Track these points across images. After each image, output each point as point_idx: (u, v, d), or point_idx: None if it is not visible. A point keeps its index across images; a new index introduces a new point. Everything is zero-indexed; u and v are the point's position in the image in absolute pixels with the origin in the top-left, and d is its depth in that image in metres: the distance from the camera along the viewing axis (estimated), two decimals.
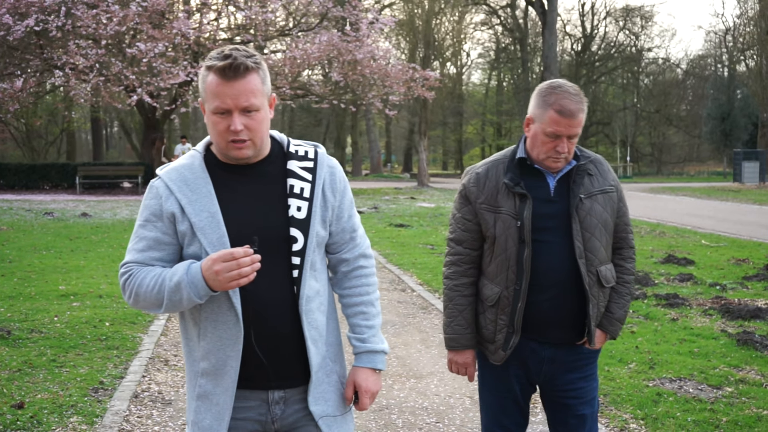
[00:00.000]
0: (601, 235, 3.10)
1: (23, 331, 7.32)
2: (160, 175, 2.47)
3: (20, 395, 5.52)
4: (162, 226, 2.41)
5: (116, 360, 6.55)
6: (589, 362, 3.20)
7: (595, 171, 3.16)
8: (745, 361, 6.53)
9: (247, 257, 2.25)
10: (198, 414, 2.44)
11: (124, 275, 2.41)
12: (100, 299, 8.94)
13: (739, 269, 11.50)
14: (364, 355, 2.60)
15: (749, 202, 27.26)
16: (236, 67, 2.32)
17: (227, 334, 2.38)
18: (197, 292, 2.29)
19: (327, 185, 2.54)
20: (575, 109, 2.97)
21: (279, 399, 2.48)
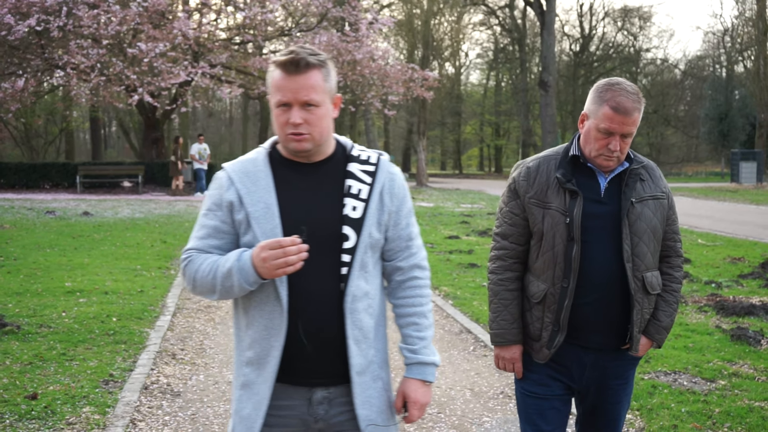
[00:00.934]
0: (649, 241, 3.05)
1: (32, 326, 7.46)
2: (225, 167, 2.56)
3: (33, 387, 5.67)
4: (221, 215, 2.49)
5: (124, 354, 6.70)
6: (629, 368, 3.17)
7: (647, 176, 3.12)
8: (738, 356, 6.69)
9: (294, 246, 2.30)
10: (240, 403, 2.49)
11: (184, 261, 2.50)
12: (106, 296, 9.09)
13: (735, 268, 11.66)
14: (415, 367, 2.59)
15: (746, 202, 27.43)
16: (297, 62, 2.40)
17: (272, 323, 2.43)
18: (246, 278, 2.35)
19: (386, 190, 2.56)
20: (630, 107, 2.93)
21: (323, 399, 2.49)
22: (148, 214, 20.14)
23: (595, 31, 62.17)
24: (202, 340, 7.32)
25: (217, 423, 5.14)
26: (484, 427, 5.11)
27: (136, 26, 25.48)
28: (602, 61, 62.34)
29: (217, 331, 7.68)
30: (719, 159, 53.82)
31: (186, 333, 7.57)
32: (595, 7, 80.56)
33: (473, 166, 77.64)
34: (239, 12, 27.67)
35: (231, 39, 29.42)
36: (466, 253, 12.95)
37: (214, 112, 60.45)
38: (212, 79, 27.35)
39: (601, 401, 3.16)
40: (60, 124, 46.11)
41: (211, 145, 62.83)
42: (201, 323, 8.01)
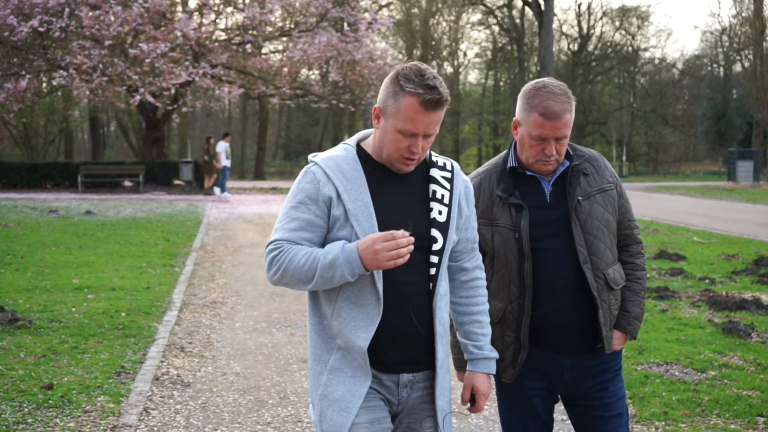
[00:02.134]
0: (604, 237, 3.01)
1: (44, 321, 7.68)
2: (317, 162, 2.62)
3: (48, 378, 5.88)
4: (316, 209, 2.56)
5: (134, 347, 6.92)
6: (612, 365, 3.12)
7: (591, 169, 3.05)
8: (729, 348, 6.91)
9: (405, 239, 2.42)
10: (328, 387, 2.57)
11: (273, 251, 2.55)
12: (114, 292, 9.30)
13: (729, 264, 11.88)
14: (481, 362, 2.78)
15: (742, 200, 27.67)
16: (440, 103, 2.51)
17: (363, 315, 2.53)
18: (351, 270, 2.44)
19: (462, 196, 2.72)
20: (559, 110, 2.88)
21: (407, 382, 2.64)
22: (150, 213, 20.35)
23: (593, 31, 62.36)
24: (209, 334, 7.53)
25: (227, 411, 5.36)
26: (484, 415, 5.33)
27: (137, 27, 25.70)
28: (600, 61, 62.52)
29: (223, 326, 7.90)
30: (717, 158, 54.06)
31: (193, 327, 7.79)
32: (593, 7, 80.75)
33: (472, 165, 77.76)
34: (239, 13, 27.88)
35: (231, 39, 29.63)
36: None
37: (212, 112, 60.59)
38: (213, 79, 27.56)
39: (589, 404, 3.09)
40: (60, 124, 46.28)
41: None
42: (207, 318, 8.23)
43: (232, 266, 11.77)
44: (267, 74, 29.35)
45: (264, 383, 6.01)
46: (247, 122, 57.12)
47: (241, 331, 7.67)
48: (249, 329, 7.76)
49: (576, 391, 3.09)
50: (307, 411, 5.38)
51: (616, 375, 3.13)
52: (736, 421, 5.12)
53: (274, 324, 8.01)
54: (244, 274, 11.10)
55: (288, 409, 5.44)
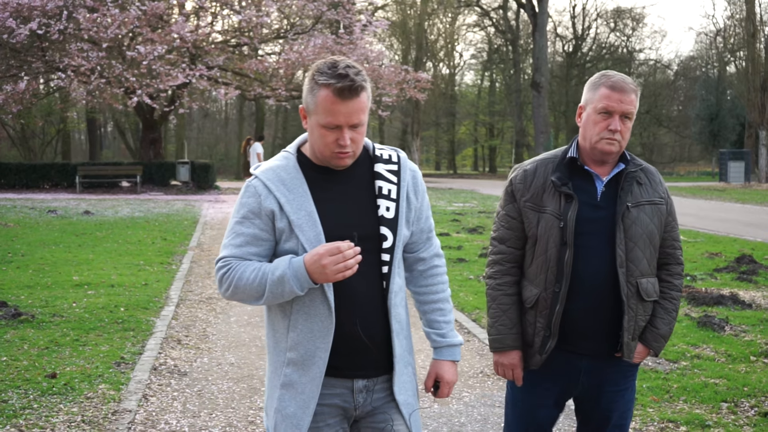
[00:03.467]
0: (645, 247, 3.02)
1: (45, 315, 7.98)
2: (257, 175, 2.60)
3: (51, 368, 6.19)
4: (260, 223, 2.55)
5: (133, 339, 7.22)
6: (629, 376, 3.14)
7: (645, 180, 3.08)
8: (702, 340, 7.23)
9: (351, 251, 2.42)
10: (282, 402, 2.57)
11: (222, 269, 2.55)
12: (113, 288, 9.61)
13: (711, 262, 12.20)
14: (445, 349, 2.77)
15: (732, 200, 28.01)
16: (353, 89, 2.46)
17: (318, 326, 2.52)
18: (300, 284, 2.44)
19: (410, 188, 2.68)
20: (627, 86, 2.97)
21: (363, 387, 2.62)
22: (148, 213, 20.64)
23: (588, 33, 62.73)
24: (205, 328, 7.84)
25: (222, 398, 5.67)
26: (464, 402, 5.65)
27: (134, 29, 26.01)
28: (595, 62, 62.88)
29: (218, 320, 8.20)
30: (711, 159, 54.42)
31: (189, 321, 8.10)
32: (588, 8, 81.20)
33: (468, 166, 78.14)
34: (235, 15, 28.20)
35: (227, 41, 29.94)
36: (455, 249, 13.48)
37: (209, 113, 60.90)
38: (209, 81, 27.86)
39: (600, 410, 3.14)
40: (57, 125, 46.56)
41: (207, 146, 63.45)
42: (203, 313, 8.53)
43: None
44: (263, 76, 29.67)
45: (257, 372, 6.32)
46: (243, 123, 57.41)
47: (236, 325, 7.98)
48: (243, 323, 8.07)
49: (590, 395, 3.13)
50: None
51: (629, 388, 3.15)
52: (701, 406, 5.44)
53: None
54: None
55: None
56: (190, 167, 30.99)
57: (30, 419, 5.06)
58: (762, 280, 10.49)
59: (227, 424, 5.14)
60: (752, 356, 6.70)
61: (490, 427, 5.16)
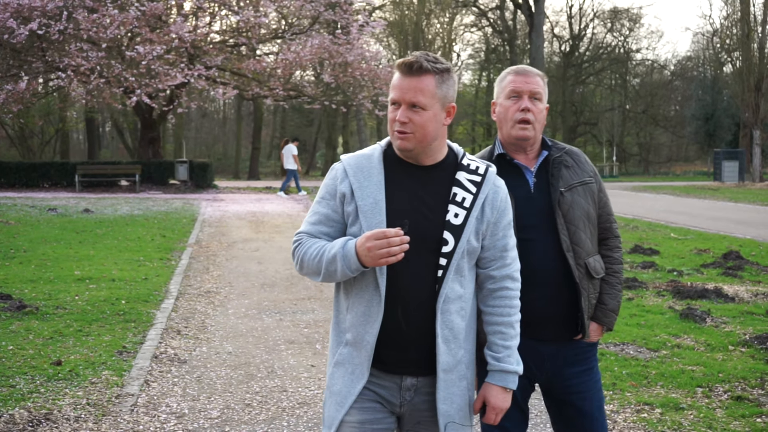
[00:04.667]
0: (585, 227, 3.12)
1: (49, 308, 8.24)
2: (342, 159, 2.72)
3: (56, 356, 6.44)
4: (333, 204, 2.67)
5: (134, 330, 7.48)
6: (588, 355, 3.21)
7: (572, 162, 3.17)
8: (683, 331, 7.50)
9: (397, 237, 2.46)
10: (332, 379, 2.68)
11: (295, 243, 2.69)
12: (114, 282, 9.87)
13: (699, 258, 12.47)
14: (497, 374, 2.72)
15: (725, 199, 28.27)
16: (411, 64, 2.57)
17: (369, 311, 2.60)
18: (349, 265, 2.52)
19: (488, 201, 2.68)
20: (530, 70, 3.11)
21: (411, 386, 2.66)
22: (147, 211, 20.89)
23: (585, 33, 63.00)
24: (204, 320, 8.10)
25: (220, 383, 5.93)
26: None
27: (133, 29, 26.28)
28: (592, 62, 63.15)
29: (217, 312, 8.46)
30: (707, 159, 54.72)
31: (189, 314, 8.36)
32: (585, 9, 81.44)
33: None
34: (233, 15, 28.46)
35: (225, 42, 30.20)
36: None
37: (207, 113, 61.16)
38: (207, 81, 28.12)
39: (567, 393, 3.19)
40: (56, 125, 46.82)
41: (205, 145, 63.67)
42: (202, 306, 8.79)
43: (225, 260, 12.32)
44: (261, 76, 29.93)
45: (254, 360, 6.58)
46: (241, 123, 57.65)
47: (234, 317, 8.24)
48: (241, 315, 8.33)
49: (555, 381, 3.18)
50: (293, 383, 5.95)
51: (593, 367, 3.22)
52: (677, 391, 5.71)
53: (264, 311, 8.57)
54: (237, 266, 11.66)
55: (275, 381, 6.01)
56: (189, 166, 31.23)
57: (37, 402, 5.32)
58: (747, 275, 10.76)
59: (225, 407, 5.41)
60: (730, 345, 6.97)
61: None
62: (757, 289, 9.64)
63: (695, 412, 5.26)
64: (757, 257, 12.50)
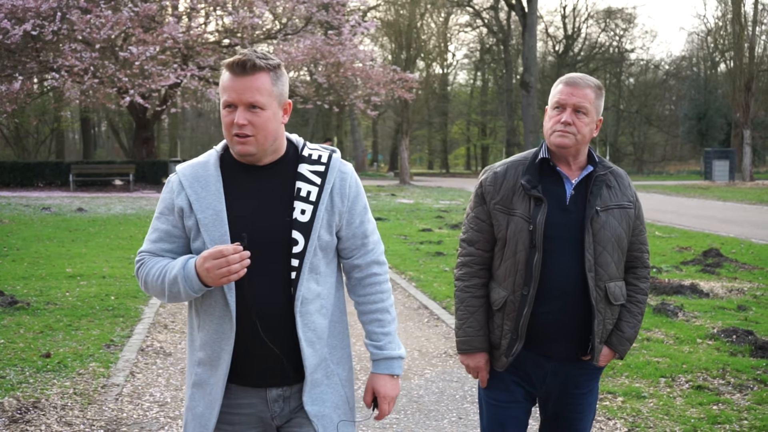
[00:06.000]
0: (613, 251, 3.02)
1: (40, 303, 8.47)
2: (177, 171, 2.56)
3: (46, 349, 6.67)
4: (173, 220, 2.51)
5: (123, 325, 7.71)
6: (592, 378, 3.13)
7: (615, 184, 3.08)
8: (655, 325, 7.74)
9: (236, 254, 2.31)
10: (192, 401, 2.55)
11: (138, 263, 2.55)
12: (104, 279, 10.10)
13: (680, 255, 12.72)
14: (381, 362, 2.63)
15: (714, 198, 28.55)
16: (243, 63, 2.40)
17: (222, 328, 2.46)
18: (192, 286, 2.38)
19: (336, 190, 2.55)
20: (580, 81, 3.00)
21: (278, 397, 2.53)
22: (140, 211, 21.11)
23: (579, 33, 63.28)
24: None
25: None
26: (425, 378, 6.15)
27: (127, 30, 26.52)
28: (586, 62, 63.45)
29: None
30: (700, 158, 55.02)
31: (176, 309, 8.58)
32: (579, 9, 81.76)
33: (460, 165, 78.69)
34: (227, 16, 28.70)
35: (219, 42, 30.43)
36: (435, 244, 14.00)
37: (203, 112, 61.37)
38: (201, 81, 28.35)
39: (563, 409, 3.14)
40: (51, 124, 47.04)
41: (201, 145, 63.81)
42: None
43: None
44: None
45: None
46: None
47: None
48: None
49: (554, 398, 3.13)
50: None
51: (593, 390, 3.16)
52: (641, 381, 5.95)
53: None
54: None
55: None
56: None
57: (26, 391, 5.55)
58: (725, 272, 11.00)
59: None
60: (698, 339, 7.21)
61: (446, 398, 5.67)
62: (732, 285, 9.89)
63: (656, 401, 5.50)
64: (737, 255, 12.74)
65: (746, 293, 9.42)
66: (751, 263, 11.75)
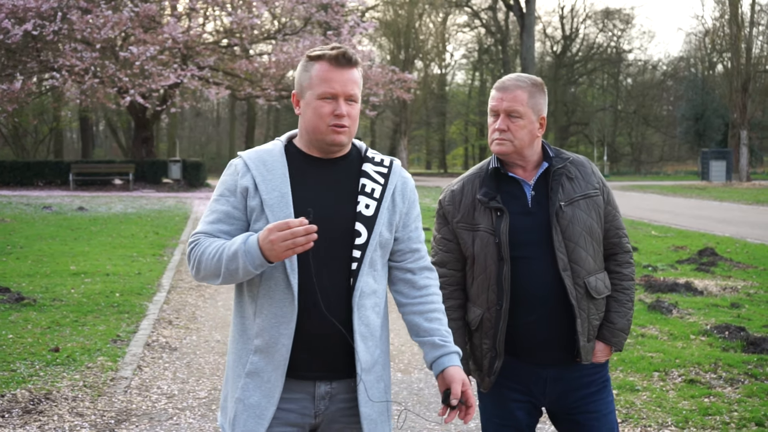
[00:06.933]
0: (586, 244, 2.92)
1: (46, 300, 8.62)
2: (241, 155, 2.56)
3: (54, 344, 6.82)
4: (234, 201, 2.48)
5: (128, 321, 7.87)
6: (596, 377, 3.01)
7: (576, 173, 2.98)
8: (650, 322, 7.90)
9: (302, 227, 2.26)
10: (245, 391, 2.46)
11: (191, 244, 2.47)
12: (108, 276, 10.25)
13: (675, 254, 12.89)
14: (453, 355, 2.57)
15: (711, 198, 28.73)
16: (348, 57, 2.47)
17: (282, 311, 2.42)
18: (252, 261, 2.32)
19: (398, 191, 2.58)
20: (511, 84, 2.92)
21: (325, 393, 2.49)
22: (140, 209, 21.27)
23: (577, 33, 63.47)
24: (194, 311, 8.49)
25: (208, 368, 6.32)
26: (425, 371, 6.31)
27: (127, 30, 26.68)
28: (584, 62, 63.64)
29: (207, 304, 8.86)
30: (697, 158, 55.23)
31: (180, 306, 8.75)
32: (577, 9, 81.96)
33: (458, 165, 78.85)
34: (227, 16, 28.86)
35: (218, 42, 30.59)
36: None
37: (201, 112, 61.51)
38: (200, 81, 28.50)
39: (574, 414, 3.01)
40: (50, 123, 47.17)
41: (199, 144, 64.01)
42: (193, 298, 9.18)
43: None
44: (253, 76, 30.32)
45: None
46: (235, 122, 58.04)
47: (223, 309, 8.63)
48: (229, 307, 8.72)
49: (560, 405, 3.01)
50: None
51: (603, 388, 3.02)
52: (635, 375, 6.11)
53: None
54: None
55: None
56: (182, 165, 31.61)
57: (37, 383, 5.71)
58: (719, 271, 11.17)
59: (212, 389, 5.80)
60: (692, 335, 7.37)
61: None
62: (726, 284, 10.06)
63: (649, 393, 5.67)
64: (731, 254, 12.91)
65: (740, 291, 9.59)
66: (746, 262, 11.91)
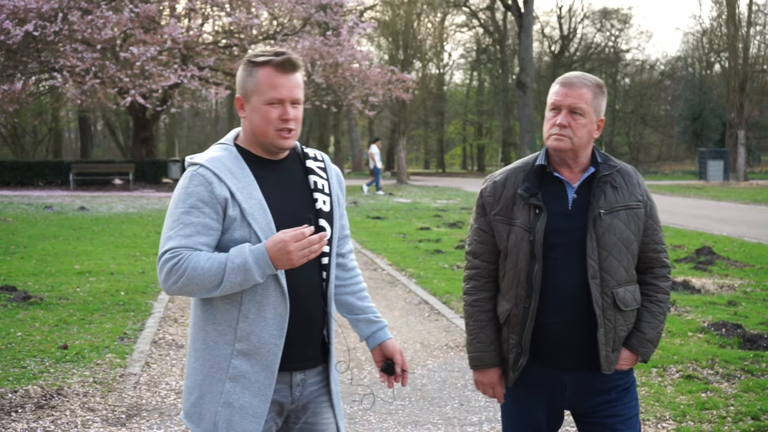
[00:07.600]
0: (620, 255, 2.89)
1: (53, 299, 8.73)
2: (203, 164, 2.55)
3: (62, 341, 6.94)
4: (210, 212, 2.49)
5: (134, 319, 7.99)
6: (619, 383, 2.98)
7: (621, 183, 2.94)
8: None
9: (316, 235, 2.45)
10: (232, 394, 2.52)
11: (171, 260, 2.43)
12: (113, 275, 10.37)
13: (673, 253, 13.00)
14: (387, 330, 2.86)
15: (709, 198, 28.86)
16: (293, 62, 2.57)
17: (272, 314, 2.52)
18: (263, 271, 2.43)
19: (336, 184, 2.76)
20: (576, 81, 2.90)
21: (300, 381, 2.65)
22: (141, 209, 21.38)
23: (575, 33, 63.60)
24: None
25: None
26: (427, 368, 6.44)
27: (127, 31, 26.81)
28: (582, 62, 63.76)
29: None
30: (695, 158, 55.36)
31: (185, 303, 8.86)
32: (575, 9, 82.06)
33: (456, 164, 78.97)
34: (226, 17, 28.98)
35: (218, 43, 30.71)
36: (434, 242, 14.28)
37: (199, 112, 61.61)
38: (200, 81, 28.63)
39: (599, 417, 2.99)
40: (50, 123, 47.26)
41: (197, 144, 64.07)
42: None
43: None
44: None
45: None
46: (233, 122, 58.09)
47: None
48: None
49: (582, 408, 3.01)
50: None
51: (626, 393, 3.00)
52: (634, 371, 6.19)
53: None
54: None
55: None
56: (181, 165, 31.73)
57: (48, 380, 5.83)
58: (716, 269, 11.29)
59: None
60: (689, 332, 7.50)
61: (448, 386, 5.96)
62: (724, 282, 10.19)
63: (647, 389, 5.79)
64: (729, 253, 13.03)
65: (737, 289, 9.72)
66: (743, 261, 12.04)
